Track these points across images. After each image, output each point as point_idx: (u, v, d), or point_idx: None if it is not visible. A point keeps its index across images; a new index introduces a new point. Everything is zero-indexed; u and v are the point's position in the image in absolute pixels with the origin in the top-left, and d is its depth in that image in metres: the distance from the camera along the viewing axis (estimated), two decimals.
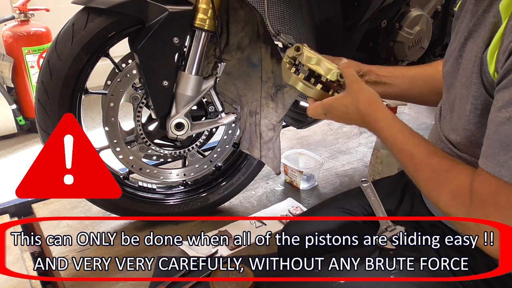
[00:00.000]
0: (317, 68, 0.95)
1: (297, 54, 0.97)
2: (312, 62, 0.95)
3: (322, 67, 0.94)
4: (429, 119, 2.29)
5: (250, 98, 1.40)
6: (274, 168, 1.48)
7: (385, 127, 0.84)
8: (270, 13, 1.41)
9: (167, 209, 1.50)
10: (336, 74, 0.93)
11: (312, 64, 0.95)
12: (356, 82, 0.89)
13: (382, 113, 0.85)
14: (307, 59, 0.96)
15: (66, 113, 1.20)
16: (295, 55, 0.97)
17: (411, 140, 0.81)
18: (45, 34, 2.43)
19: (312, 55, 0.96)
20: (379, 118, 0.85)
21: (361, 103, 0.87)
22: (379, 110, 0.86)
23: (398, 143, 0.82)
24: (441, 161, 0.77)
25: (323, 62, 0.95)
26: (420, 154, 0.79)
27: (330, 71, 0.93)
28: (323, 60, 0.95)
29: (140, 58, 1.20)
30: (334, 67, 0.94)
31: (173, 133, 1.32)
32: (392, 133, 0.83)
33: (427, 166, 0.77)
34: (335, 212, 1.07)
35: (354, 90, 0.88)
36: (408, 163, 0.81)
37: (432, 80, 1.03)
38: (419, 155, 0.79)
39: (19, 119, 2.45)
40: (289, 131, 2.23)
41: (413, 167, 0.80)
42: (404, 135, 0.82)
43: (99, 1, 1.16)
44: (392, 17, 1.47)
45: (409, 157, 0.80)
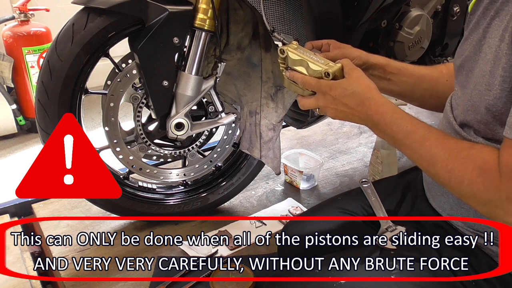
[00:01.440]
0: (301, 69, 0.92)
1: (283, 56, 0.95)
2: (296, 64, 0.93)
3: (306, 68, 0.91)
4: (429, 119, 2.29)
5: (250, 98, 1.40)
6: (274, 168, 1.48)
7: (390, 111, 0.79)
8: (270, 13, 1.41)
9: (167, 209, 1.50)
10: (322, 74, 0.88)
11: (297, 66, 0.93)
12: (356, 70, 0.85)
13: (383, 98, 0.81)
14: (291, 62, 0.94)
15: (66, 113, 1.20)
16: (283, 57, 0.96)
17: (420, 123, 0.77)
18: (45, 34, 2.43)
19: (296, 57, 0.92)
20: (381, 102, 0.81)
21: (361, 86, 0.83)
22: (380, 95, 0.82)
23: (407, 126, 0.77)
24: (458, 140, 0.74)
25: (307, 63, 0.91)
26: (435, 135, 0.75)
27: (314, 73, 0.89)
28: (308, 60, 0.91)
29: (140, 58, 1.20)
30: (320, 66, 0.89)
31: (173, 133, 1.32)
32: (398, 117, 0.79)
33: (445, 145, 0.73)
34: (335, 212, 1.07)
35: (355, 76, 0.84)
36: (420, 146, 0.76)
37: (436, 84, 1.02)
38: (433, 135, 0.75)
39: (19, 119, 2.45)
40: (289, 131, 2.23)
41: (427, 148, 0.75)
42: (412, 118, 0.78)
43: (99, 1, 1.16)
44: (392, 17, 1.47)
45: (420, 139, 0.76)
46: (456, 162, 0.71)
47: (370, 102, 0.82)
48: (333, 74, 0.86)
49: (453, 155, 0.72)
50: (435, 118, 2.25)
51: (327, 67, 0.87)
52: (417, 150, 0.77)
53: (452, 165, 0.72)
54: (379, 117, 0.81)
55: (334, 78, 0.86)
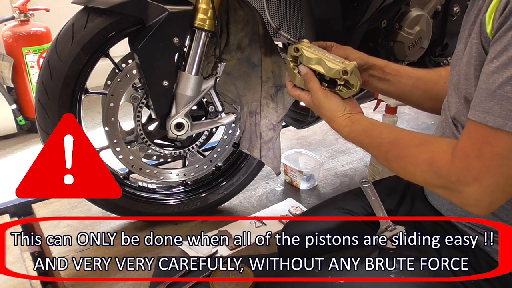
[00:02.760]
0: (318, 68, 0.94)
1: (297, 54, 0.97)
2: (312, 62, 0.95)
3: (323, 66, 0.93)
4: (429, 119, 2.29)
5: (250, 98, 1.40)
6: (274, 168, 1.48)
7: (348, 134, 0.89)
8: (270, 13, 1.41)
9: (167, 209, 1.50)
10: (339, 73, 0.91)
11: (313, 65, 0.95)
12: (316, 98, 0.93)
13: (342, 123, 0.90)
14: (307, 60, 0.95)
15: (66, 113, 1.20)
16: (296, 55, 0.97)
17: (375, 131, 0.84)
18: (45, 34, 2.43)
19: (312, 55, 0.95)
20: (340, 128, 0.90)
21: (325, 117, 0.93)
22: (338, 123, 0.90)
23: (364, 140, 0.85)
24: (410, 138, 0.79)
25: (324, 61, 0.93)
26: (387, 139, 0.81)
27: (331, 71, 0.92)
28: (324, 59, 0.93)
29: (140, 58, 1.20)
30: (336, 64, 0.92)
31: (173, 133, 1.32)
32: (355, 135, 0.87)
33: (396, 146, 0.79)
34: (335, 212, 1.07)
35: (317, 105, 0.94)
36: (378, 152, 0.83)
37: (434, 86, 1.03)
38: (386, 140, 0.81)
39: (19, 119, 2.45)
40: (289, 131, 2.23)
41: (383, 153, 0.82)
42: (367, 131, 0.85)
43: (99, 1, 1.16)
44: (392, 17, 1.47)
45: (377, 146, 0.83)
46: (407, 159, 0.77)
47: (332, 124, 0.92)
48: (351, 72, 0.90)
49: (404, 152, 0.78)
50: (435, 118, 2.25)
51: (344, 65, 0.91)
52: (377, 155, 0.85)
53: (404, 163, 0.78)
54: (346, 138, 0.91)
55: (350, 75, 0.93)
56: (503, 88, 0.63)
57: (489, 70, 0.66)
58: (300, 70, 0.97)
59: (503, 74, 0.64)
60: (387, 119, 1.72)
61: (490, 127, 0.65)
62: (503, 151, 0.65)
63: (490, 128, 0.65)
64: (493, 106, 0.65)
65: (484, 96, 0.66)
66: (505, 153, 0.65)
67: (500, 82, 0.64)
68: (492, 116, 0.65)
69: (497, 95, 0.64)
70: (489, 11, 0.69)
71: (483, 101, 0.66)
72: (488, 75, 0.66)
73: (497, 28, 0.66)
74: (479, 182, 0.67)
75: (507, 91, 0.63)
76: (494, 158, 0.66)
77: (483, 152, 0.66)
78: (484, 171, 0.67)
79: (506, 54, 0.63)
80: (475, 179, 0.67)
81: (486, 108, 0.66)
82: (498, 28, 0.66)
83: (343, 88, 0.93)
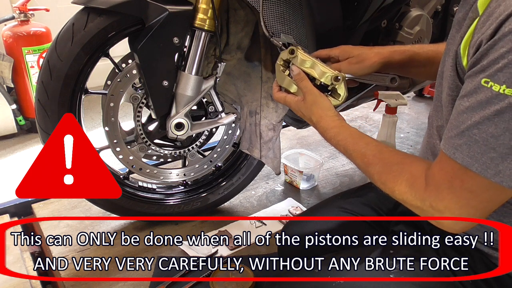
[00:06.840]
0: (311, 71, 0.97)
1: (291, 57, 0.99)
2: (306, 65, 0.98)
3: (316, 70, 0.97)
4: None
5: (250, 98, 1.40)
6: (274, 168, 1.48)
7: (335, 135, 0.90)
8: (270, 13, 1.41)
9: (167, 209, 1.50)
10: (330, 78, 0.95)
11: (306, 67, 0.97)
12: (310, 94, 0.95)
13: (332, 123, 0.91)
14: (301, 62, 0.98)
15: (66, 113, 1.20)
16: (289, 58, 1.00)
17: (361, 141, 0.86)
18: (45, 34, 2.43)
19: (307, 58, 0.98)
20: (328, 128, 0.92)
21: (314, 116, 0.94)
22: (328, 122, 0.92)
23: (349, 146, 0.87)
24: (392, 155, 0.81)
25: (317, 65, 0.96)
26: (371, 152, 0.83)
27: (324, 75, 0.96)
28: (317, 64, 0.97)
29: (140, 58, 1.20)
30: (328, 70, 0.96)
31: (173, 133, 1.32)
32: (341, 138, 0.89)
33: (379, 160, 0.81)
34: (335, 212, 1.07)
35: (309, 102, 0.95)
36: (361, 161, 0.84)
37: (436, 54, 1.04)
38: (370, 152, 0.83)
39: (19, 119, 2.45)
40: (289, 131, 2.23)
41: (365, 164, 0.83)
42: (354, 138, 0.87)
43: (99, 1, 1.16)
44: (392, 17, 1.47)
45: (361, 156, 0.84)
46: (389, 175, 0.79)
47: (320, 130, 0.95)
48: (343, 78, 0.95)
49: (386, 169, 0.80)
50: None
51: (337, 72, 0.96)
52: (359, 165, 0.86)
53: (385, 178, 0.79)
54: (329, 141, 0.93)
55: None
56: (471, 131, 0.66)
57: (460, 108, 0.68)
58: (292, 70, 0.99)
59: (471, 117, 0.66)
60: (387, 119, 1.72)
61: (459, 164, 0.68)
62: (471, 187, 0.68)
63: (459, 165, 0.68)
64: (462, 145, 0.67)
65: (454, 132, 0.69)
66: (474, 189, 0.68)
67: (469, 124, 0.66)
68: (461, 154, 0.67)
69: (465, 135, 0.67)
70: (463, 44, 0.71)
71: (453, 137, 0.69)
72: (459, 113, 0.68)
73: (470, 66, 0.68)
74: (451, 212, 0.70)
75: (475, 134, 0.65)
76: (464, 191, 0.69)
77: (453, 185, 0.69)
78: (455, 201, 0.70)
79: (475, 97, 0.65)
80: (446, 208, 0.70)
81: (455, 145, 0.68)
82: (471, 66, 0.68)
83: (329, 97, 0.96)
